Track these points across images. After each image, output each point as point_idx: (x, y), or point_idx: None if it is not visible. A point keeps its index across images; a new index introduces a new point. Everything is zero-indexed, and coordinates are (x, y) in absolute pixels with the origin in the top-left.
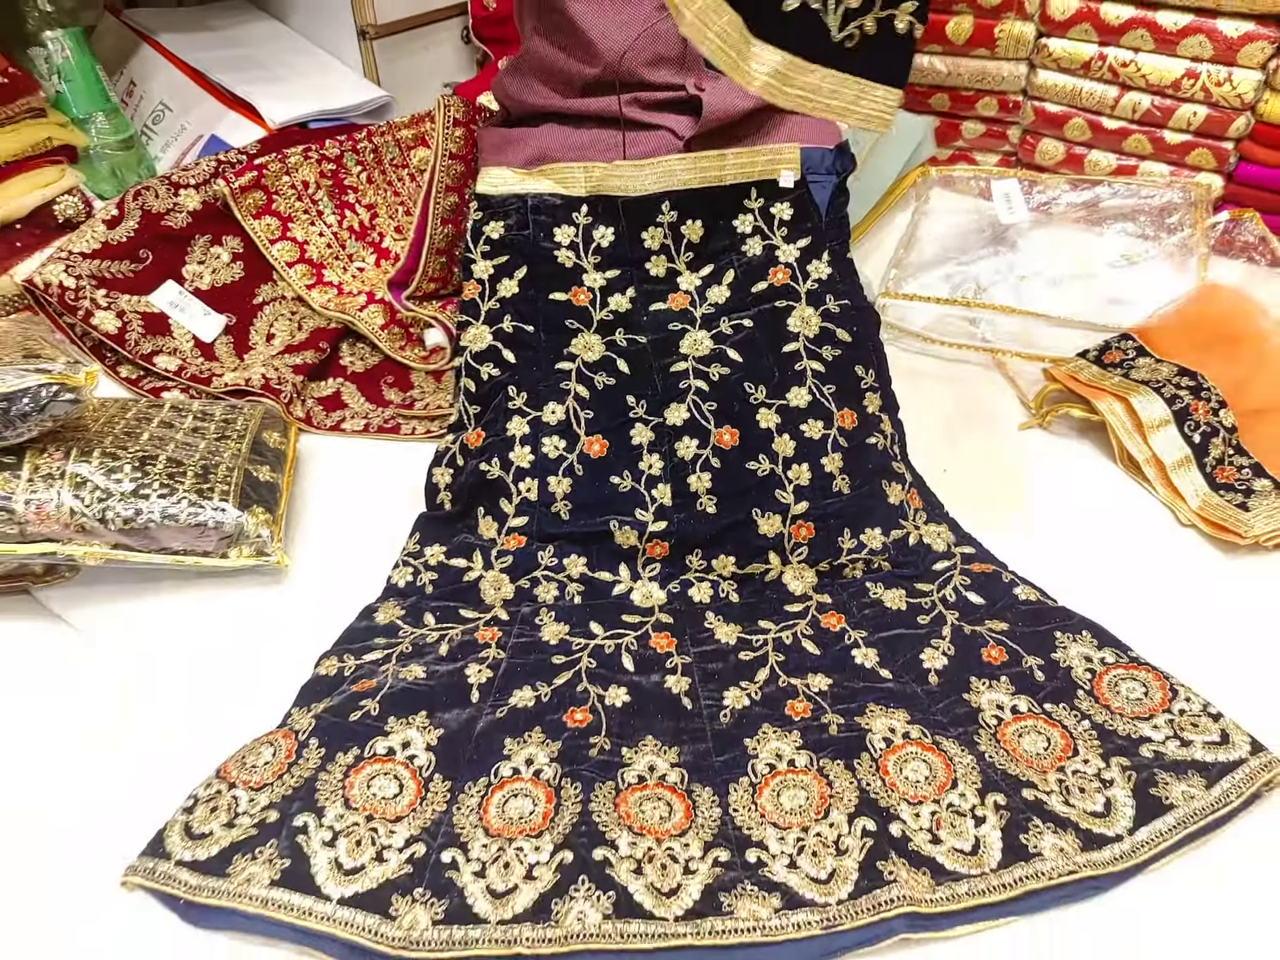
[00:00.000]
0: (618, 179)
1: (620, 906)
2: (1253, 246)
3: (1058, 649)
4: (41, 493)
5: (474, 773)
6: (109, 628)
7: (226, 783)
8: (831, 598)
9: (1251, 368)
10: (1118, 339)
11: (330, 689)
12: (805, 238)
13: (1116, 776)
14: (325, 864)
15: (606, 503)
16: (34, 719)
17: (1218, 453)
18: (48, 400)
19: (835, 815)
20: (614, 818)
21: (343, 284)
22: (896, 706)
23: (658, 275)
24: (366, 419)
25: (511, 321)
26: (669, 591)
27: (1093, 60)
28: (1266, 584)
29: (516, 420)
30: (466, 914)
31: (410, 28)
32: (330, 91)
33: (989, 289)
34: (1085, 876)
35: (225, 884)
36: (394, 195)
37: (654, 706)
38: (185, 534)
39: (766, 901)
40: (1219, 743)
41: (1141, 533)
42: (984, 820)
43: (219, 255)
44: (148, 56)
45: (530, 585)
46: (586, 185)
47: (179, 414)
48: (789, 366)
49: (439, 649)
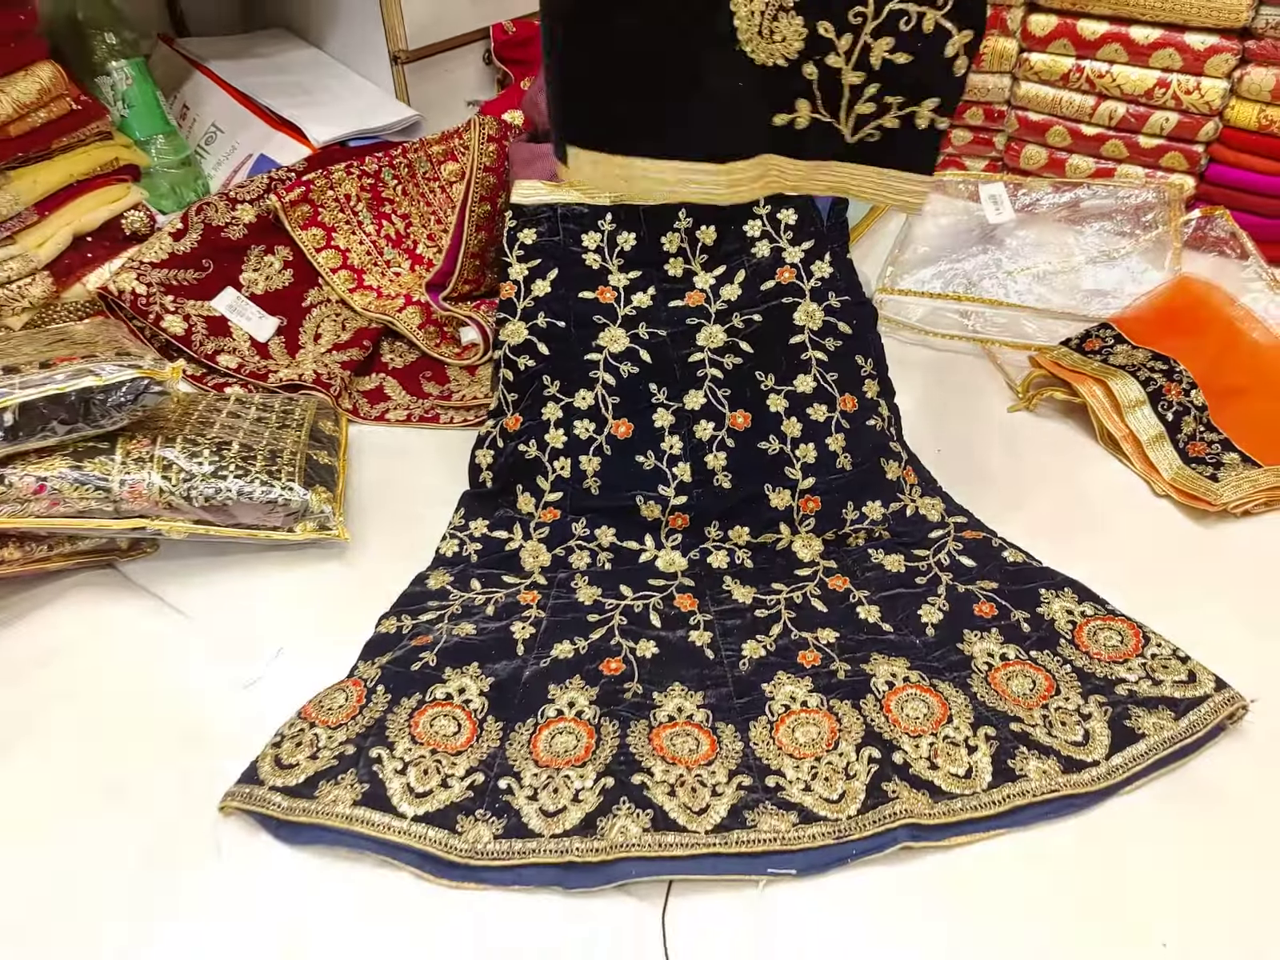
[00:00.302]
0: None
1: (657, 822)
2: (1223, 241)
3: (1042, 604)
4: (134, 474)
5: (522, 714)
6: (192, 596)
7: (308, 722)
8: (837, 563)
9: (1220, 352)
10: (1097, 328)
11: (391, 644)
12: (809, 240)
13: (1094, 711)
14: (399, 788)
15: (632, 479)
16: (138, 674)
17: (1189, 430)
18: (140, 392)
19: (844, 746)
20: (649, 750)
21: (381, 288)
22: (897, 655)
23: (676, 275)
24: (408, 410)
25: (545, 318)
26: (690, 559)
27: (1071, 72)
28: (1233, 547)
29: (551, 406)
30: (523, 830)
31: (437, 52)
32: (367, 112)
33: (978, 284)
34: (1065, 795)
35: (314, 804)
36: (426, 206)
37: (680, 657)
38: (258, 510)
39: (785, 818)
40: (1187, 681)
41: (1120, 503)
42: (976, 749)
43: (271, 263)
44: (200, 82)
45: (565, 554)
46: (610, 195)
47: (243, 406)
48: (795, 356)
49: (486, 610)
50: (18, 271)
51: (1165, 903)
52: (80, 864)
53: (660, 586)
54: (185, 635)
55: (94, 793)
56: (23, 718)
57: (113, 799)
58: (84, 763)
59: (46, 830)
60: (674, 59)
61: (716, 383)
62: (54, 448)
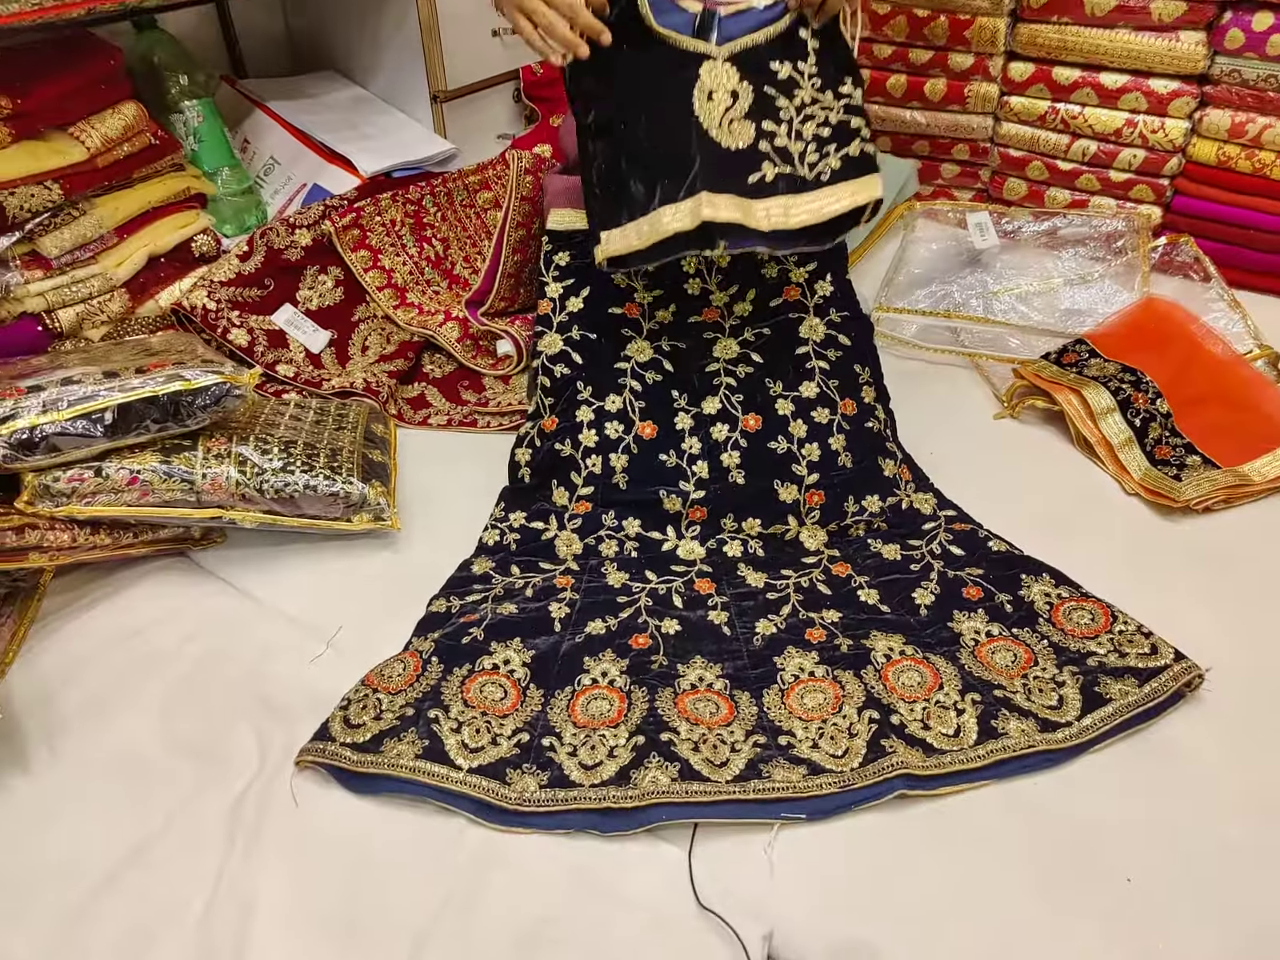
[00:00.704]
0: None
1: (684, 773)
2: (1188, 266)
3: (1023, 587)
4: (215, 468)
5: (561, 683)
6: (258, 581)
7: (370, 688)
8: (840, 551)
9: (1183, 365)
10: (1073, 343)
11: (442, 622)
12: (812, 262)
13: (1068, 680)
14: (454, 744)
15: (656, 475)
16: (213, 649)
17: (1155, 434)
18: (222, 395)
19: (847, 709)
20: (675, 712)
21: (422, 304)
22: (894, 632)
23: (693, 293)
24: (449, 415)
25: (579, 330)
26: (708, 547)
27: (1047, 113)
28: (1194, 539)
29: (584, 409)
30: (565, 781)
31: (472, 91)
32: (410, 146)
33: (966, 303)
34: (1042, 750)
35: (380, 758)
36: (463, 231)
37: (700, 634)
38: (321, 502)
39: (796, 770)
40: (1149, 654)
41: (1094, 500)
42: (964, 712)
43: (325, 282)
44: (259, 119)
45: (596, 543)
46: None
47: (302, 410)
48: (801, 365)
49: (525, 592)
50: (98, 289)
51: (1130, 845)
52: (173, 814)
53: (681, 572)
54: (254, 615)
55: (181, 751)
56: (115, 684)
57: (199, 757)
58: (171, 725)
59: (142, 781)
60: (669, 153)
61: (730, 389)
62: (145, 444)
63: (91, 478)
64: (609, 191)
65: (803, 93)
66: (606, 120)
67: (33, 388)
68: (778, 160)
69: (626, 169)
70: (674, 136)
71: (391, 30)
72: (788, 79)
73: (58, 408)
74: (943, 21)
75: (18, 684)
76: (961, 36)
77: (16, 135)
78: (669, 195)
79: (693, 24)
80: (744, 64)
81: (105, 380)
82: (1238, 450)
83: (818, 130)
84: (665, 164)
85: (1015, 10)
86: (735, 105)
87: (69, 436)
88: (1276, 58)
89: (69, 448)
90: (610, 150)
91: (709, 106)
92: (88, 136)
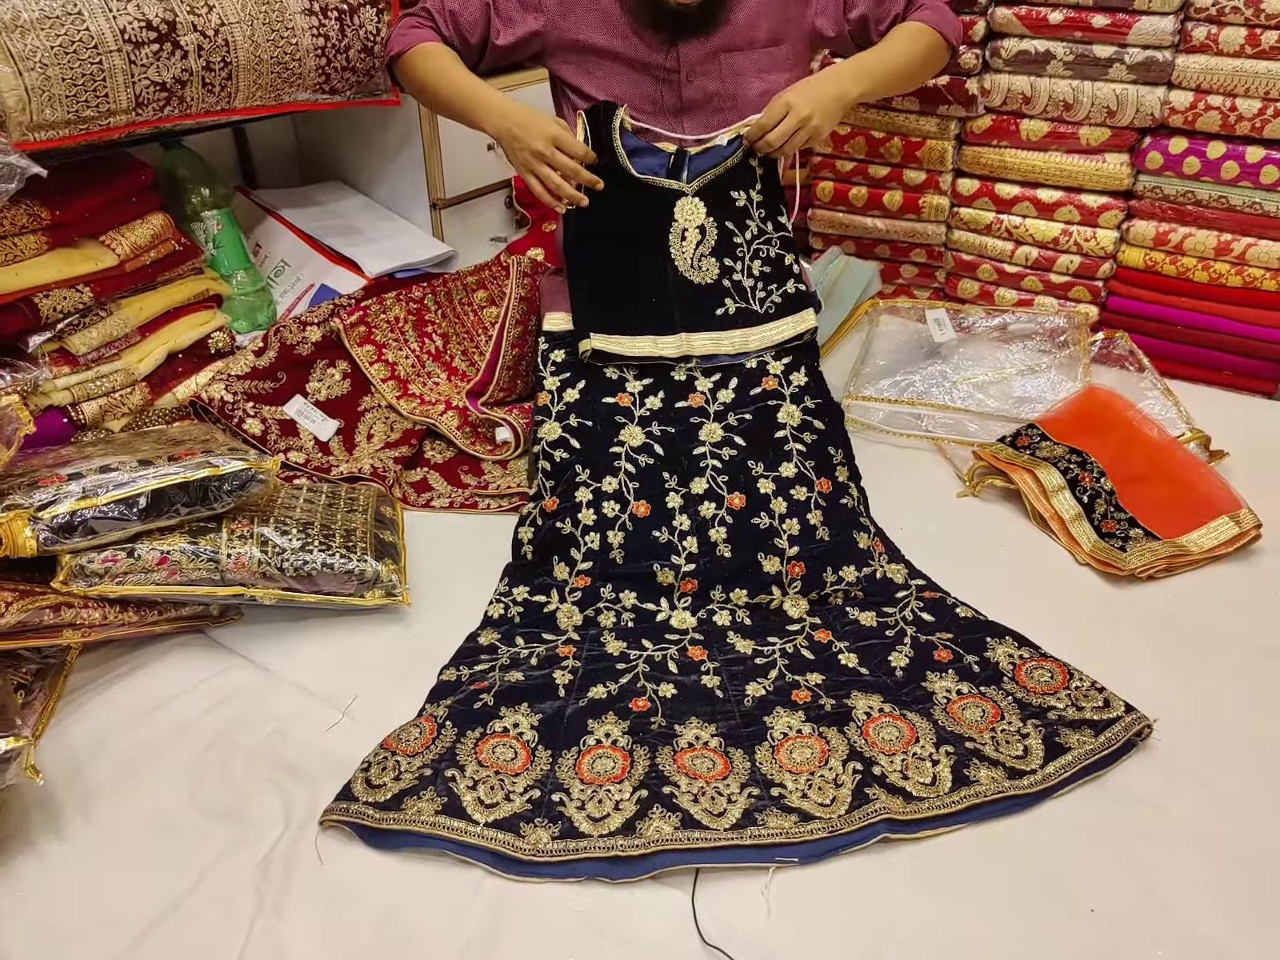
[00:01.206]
0: None
1: (685, 822)
2: (1124, 358)
3: (989, 649)
4: (239, 548)
5: (567, 743)
6: (275, 655)
7: (389, 751)
8: (821, 619)
9: (1122, 447)
10: (1026, 428)
11: (453, 690)
12: (788, 356)
13: (1031, 732)
14: (471, 801)
15: (650, 551)
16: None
17: (1102, 510)
18: (247, 480)
19: (833, 762)
20: (674, 768)
21: (424, 395)
22: (873, 692)
23: (680, 381)
24: (450, 498)
25: (576, 418)
26: (699, 618)
27: (992, 223)
28: (1140, 603)
29: (582, 490)
30: (575, 832)
31: (468, 199)
32: (411, 249)
33: (928, 392)
34: (1010, 795)
35: (402, 815)
36: (461, 327)
37: (695, 696)
38: (337, 579)
39: (788, 818)
40: (1103, 707)
41: (1050, 569)
42: (939, 763)
43: (333, 374)
44: (271, 225)
45: (595, 614)
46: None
47: (314, 494)
48: (780, 448)
49: (530, 661)
50: (121, 383)
51: (1092, 878)
52: (204, 873)
53: (675, 640)
54: (271, 688)
55: (210, 815)
56: (143, 754)
57: (227, 819)
58: (198, 790)
59: (173, 843)
60: (649, 290)
61: (716, 470)
62: (174, 527)
63: (124, 558)
64: (596, 307)
65: (752, 224)
66: (594, 252)
67: (73, 475)
68: (736, 296)
69: (612, 296)
70: (653, 275)
71: (396, 145)
72: (742, 208)
73: (97, 494)
74: (897, 143)
75: (49, 756)
76: (914, 155)
77: (53, 244)
78: (652, 329)
79: (667, 164)
80: (709, 195)
81: (140, 468)
82: (1176, 523)
83: (762, 268)
84: (647, 302)
85: (960, 134)
86: (703, 240)
87: (106, 520)
88: (1192, 176)
89: (105, 530)
90: (598, 277)
91: (682, 247)
92: (118, 244)
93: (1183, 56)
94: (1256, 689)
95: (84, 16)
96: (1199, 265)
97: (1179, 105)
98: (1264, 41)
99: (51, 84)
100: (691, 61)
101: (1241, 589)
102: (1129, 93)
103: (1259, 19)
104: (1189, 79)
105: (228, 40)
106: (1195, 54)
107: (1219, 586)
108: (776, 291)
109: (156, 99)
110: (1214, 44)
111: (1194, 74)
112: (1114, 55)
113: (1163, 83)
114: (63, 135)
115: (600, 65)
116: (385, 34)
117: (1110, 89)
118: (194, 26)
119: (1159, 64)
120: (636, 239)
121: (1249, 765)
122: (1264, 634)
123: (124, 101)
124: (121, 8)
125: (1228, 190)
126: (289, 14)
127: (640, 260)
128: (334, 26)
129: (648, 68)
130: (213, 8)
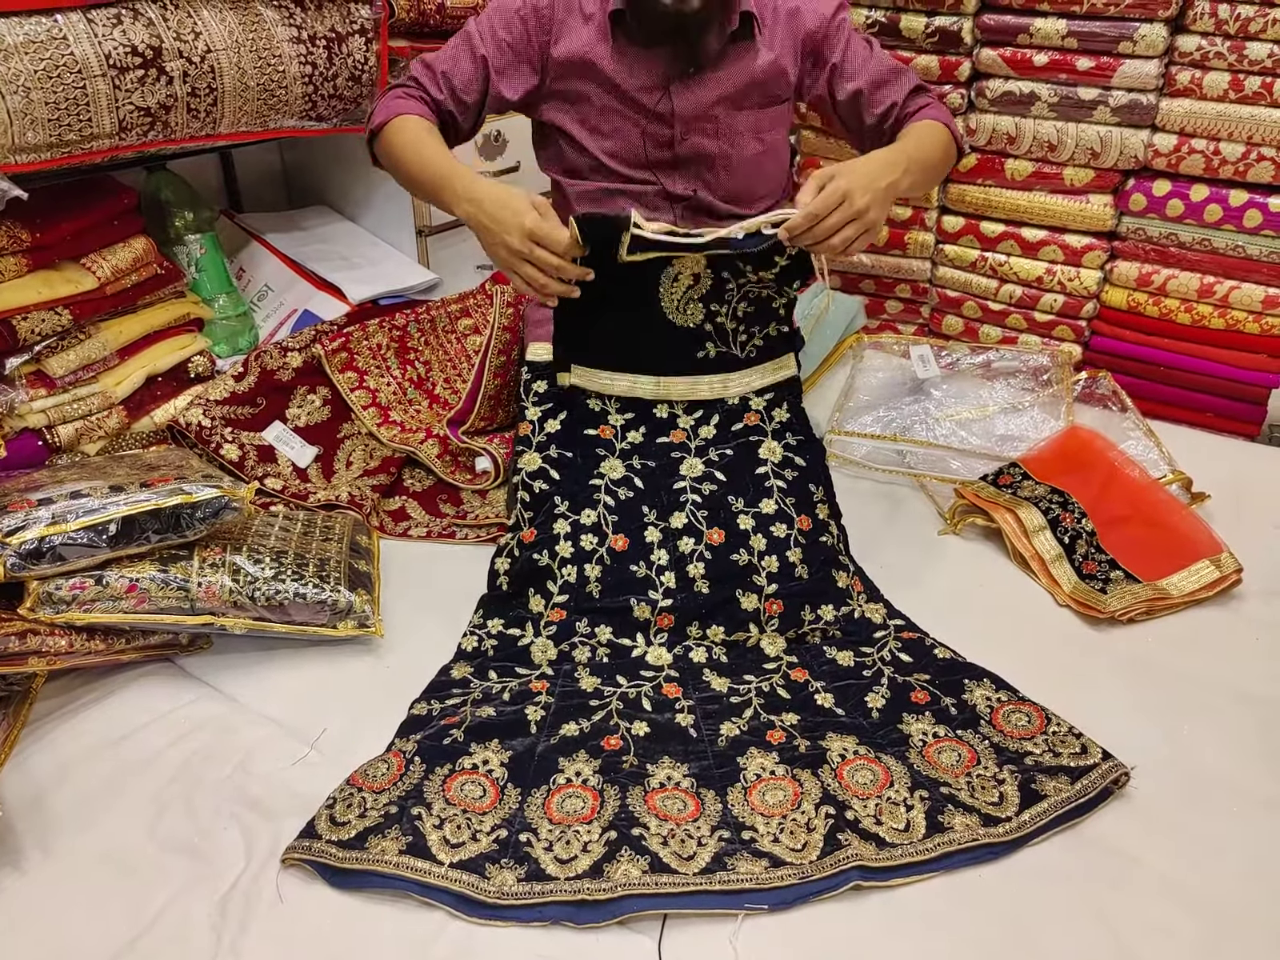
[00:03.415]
0: None
1: (653, 866)
2: (1107, 398)
3: (966, 692)
4: (210, 576)
5: (536, 781)
6: (243, 685)
7: (355, 788)
8: (798, 658)
9: (1104, 488)
10: (1008, 466)
11: (423, 724)
12: (770, 392)
13: (1007, 778)
14: (436, 840)
15: (627, 585)
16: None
17: (1083, 551)
18: (221, 508)
19: (805, 805)
20: (645, 809)
21: (405, 422)
22: (848, 734)
23: (662, 417)
24: (428, 528)
25: (556, 450)
26: (675, 654)
27: (977, 261)
28: (1119, 646)
29: (560, 522)
30: (541, 874)
31: (453, 226)
32: (395, 275)
33: (911, 428)
34: (985, 843)
35: (365, 854)
36: (444, 354)
37: (668, 735)
38: (309, 609)
39: (758, 863)
40: (1080, 753)
41: (1029, 611)
42: (913, 808)
43: (313, 401)
44: (255, 250)
45: (570, 649)
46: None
47: (290, 521)
48: (760, 484)
49: (503, 696)
50: (98, 406)
51: (1066, 928)
52: (162, 910)
53: (650, 677)
54: (239, 719)
55: (170, 850)
56: (105, 786)
57: (187, 855)
58: (159, 824)
59: (132, 878)
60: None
61: (696, 505)
62: (144, 554)
63: (92, 585)
64: (577, 341)
65: (750, 274)
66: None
67: (43, 500)
68: (717, 340)
69: (593, 331)
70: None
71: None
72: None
73: (66, 520)
74: None
75: (10, 786)
76: None
77: (33, 266)
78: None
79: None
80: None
81: (111, 494)
82: (1156, 566)
83: (747, 309)
84: (628, 341)
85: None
86: (695, 286)
87: (75, 547)
88: (1176, 218)
89: (74, 557)
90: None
91: (671, 289)
92: (99, 267)
93: (1167, 100)
94: (1235, 736)
95: (69, 41)
96: (1182, 307)
97: (1163, 148)
98: (1247, 87)
99: (34, 107)
100: (686, 117)
101: (1222, 634)
102: (1113, 135)
103: (1242, 64)
104: (1173, 122)
105: (214, 67)
106: (1179, 98)
107: (1199, 631)
108: (759, 334)
109: (141, 124)
110: (1198, 88)
111: (1178, 117)
112: (1098, 97)
113: (1147, 125)
114: (45, 158)
115: (592, 112)
116: (373, 62)
117: (1094, 131)
118: (180, 53)
119: (1143, 107)
120: (626, 280)
121: (1224, 814)
122: (1244, 680)
123: (107, 126)
124: (107, 33)
125: (1211, 233)
126: (276, 41)
127: (625, 299)
128: (321, 55)
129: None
130: (199, 34)
